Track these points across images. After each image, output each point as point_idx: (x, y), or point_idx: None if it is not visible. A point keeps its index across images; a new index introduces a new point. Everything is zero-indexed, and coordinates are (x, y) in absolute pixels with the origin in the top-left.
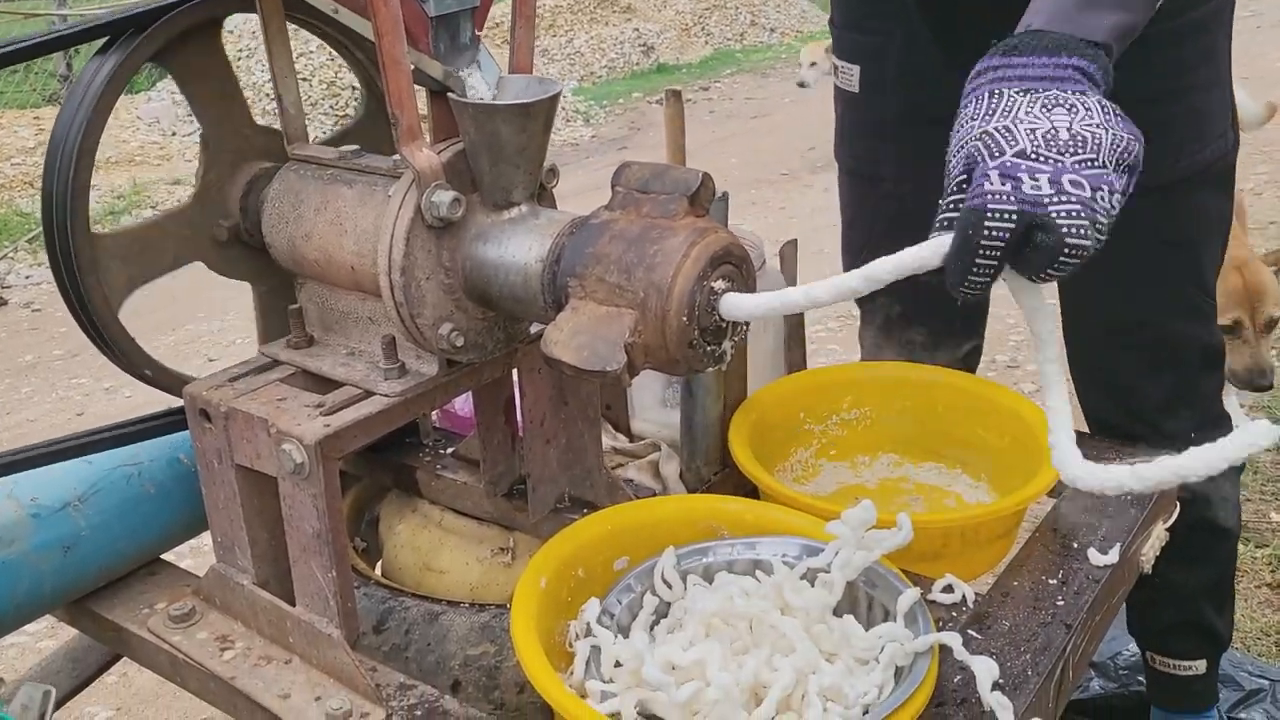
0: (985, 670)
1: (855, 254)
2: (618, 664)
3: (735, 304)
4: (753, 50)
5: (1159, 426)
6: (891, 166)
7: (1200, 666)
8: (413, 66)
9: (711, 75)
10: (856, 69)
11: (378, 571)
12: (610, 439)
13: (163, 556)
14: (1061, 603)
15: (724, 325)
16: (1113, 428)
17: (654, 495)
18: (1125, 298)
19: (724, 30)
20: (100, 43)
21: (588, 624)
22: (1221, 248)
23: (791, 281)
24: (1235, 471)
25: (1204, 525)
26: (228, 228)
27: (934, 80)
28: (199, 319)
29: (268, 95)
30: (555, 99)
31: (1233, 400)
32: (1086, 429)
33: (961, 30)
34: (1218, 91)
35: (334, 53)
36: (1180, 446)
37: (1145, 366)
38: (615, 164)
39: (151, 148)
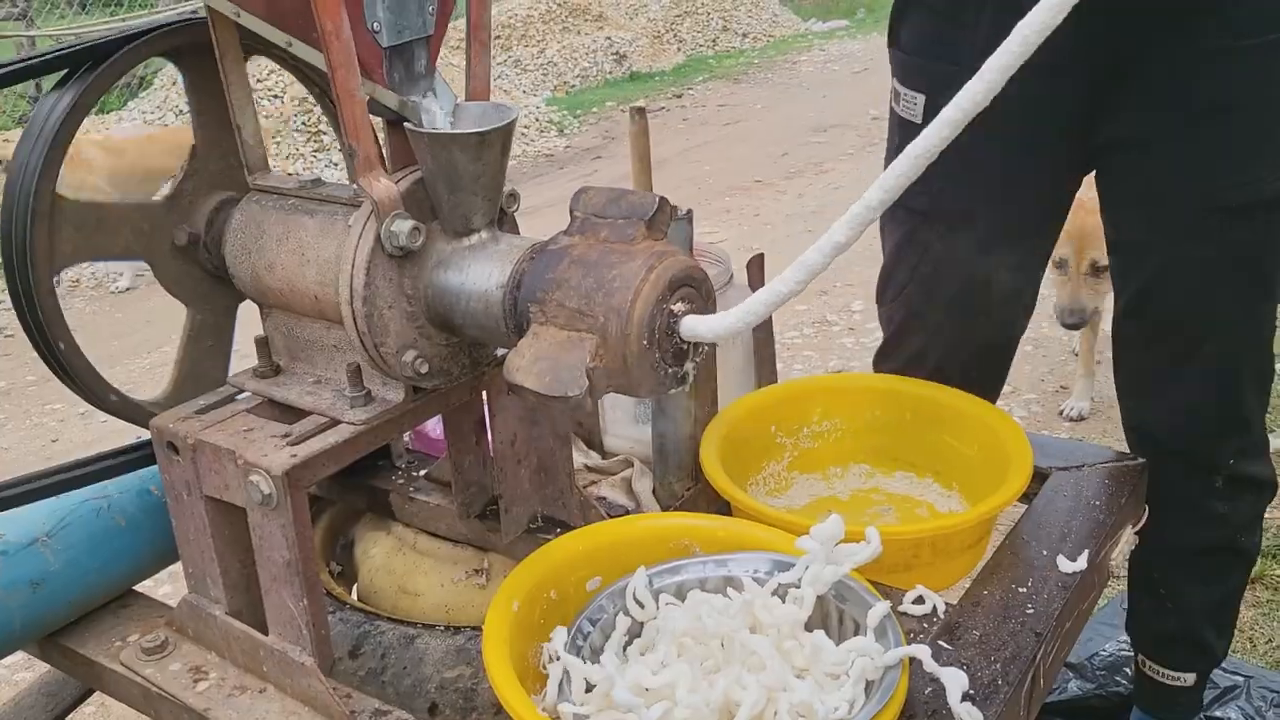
0: (954, 681)
1: (899, 289)
2: (589, 687)
3: (696, 326)
4: (725, 56)
5: (1204, 447)
6: (958, 209)
7: (1190, 679)
8: (368, 97)
9: (684, 82)
10: (921, 98)
11: (353, 595)
12: (583, 456)
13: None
14: (1031, 610)
15: (685, 347)
16: (1155, 442)
17: (627, 513)
18: (1188, 315)
19: (696, 37)
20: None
21: (558, 652)
22: None
23: None
24: (1268, 497)
25: (1228, 548)
26: (188, 235)
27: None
28: (174, 341)
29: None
30: (511, 126)
31: None
32: (1125, 442)
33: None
34: None
35: None
36: (1219, 471)
37: (1199, 387)
38: (590, 174)
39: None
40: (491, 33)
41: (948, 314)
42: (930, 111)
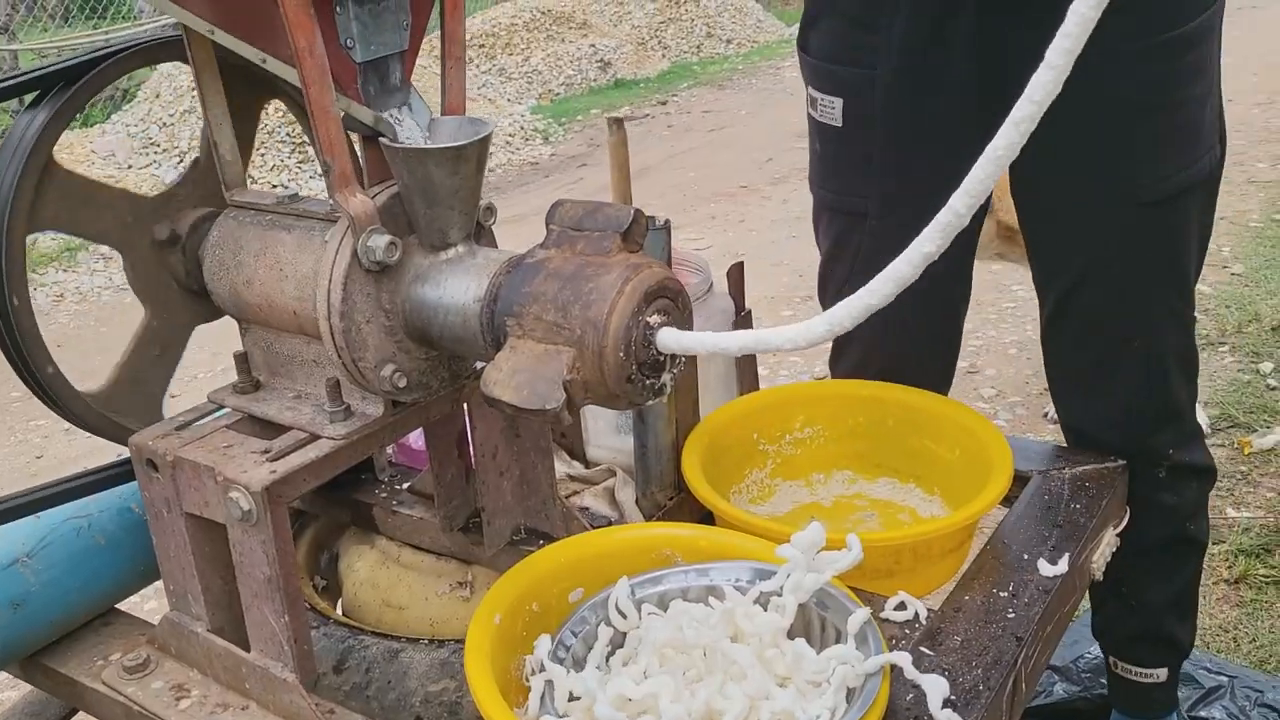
0: (935, 688)
1: (836, 290)
2: (571, 698)
3: (672, 339)
4: (709, 62)
5: (1142, 441)
6: (876, 202)
7: (1162, 675)
8: (343, 113)
9: (669, 89)
10: (839, 102)
11: (338, 610)
12: (566, 466)
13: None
14: (1012, 615)
15: (662, 359)
16: (1095, 441)
17: (610, 523)
18: (1114, 312)
19: (680, 43)
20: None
21: (541, 660)
22: (1201, 259)
23: (739, 303)
24: (1209, 483)
25: (1180, 538)
26: (170, 231)
27: (920, 110)
28: None
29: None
30: (487, 140)
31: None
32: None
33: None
34: (1210, 104)
35: None
36: (1161, 463)
37: (1132, 381)
38: (576, 182)
39: (107, 181)
40: (466, 46)
41: (892, 304)
42: (850, 114)
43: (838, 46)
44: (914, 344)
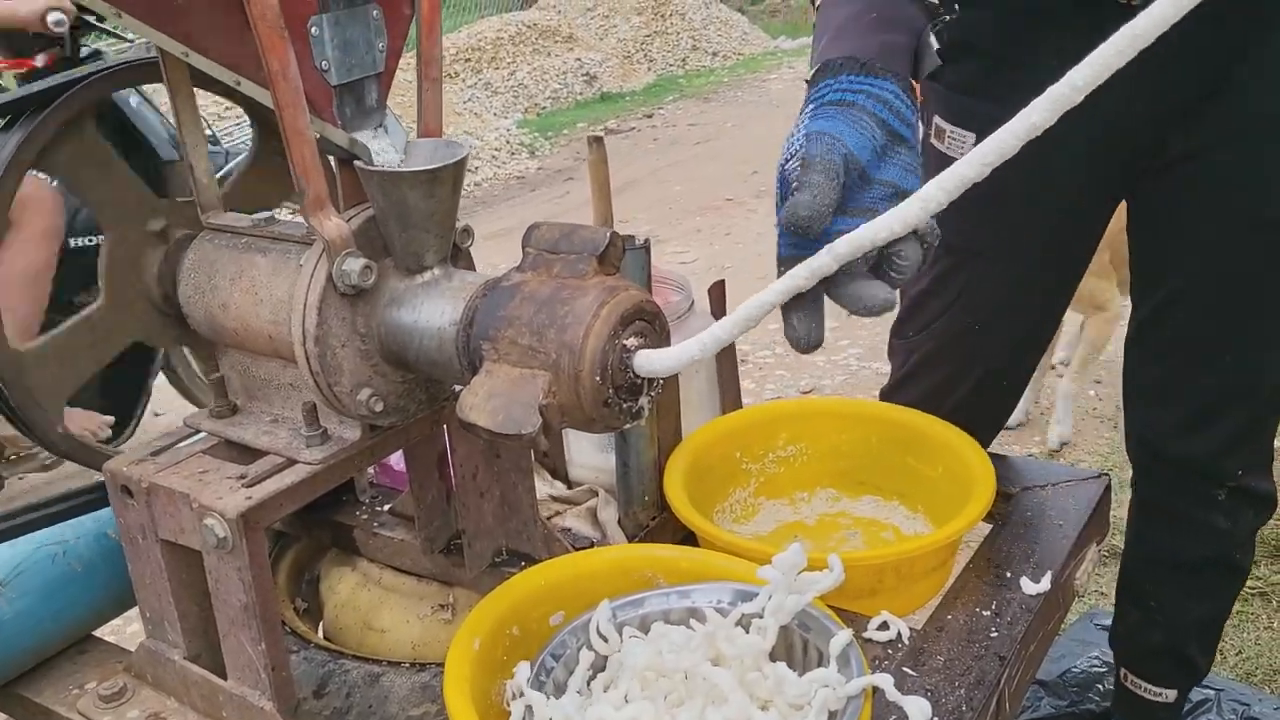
0: (917, 710)
1: (925, 325)
2: None
3: (649, 360)
4: (695, 75)
5: (1215, 461)
6: (990, 240)
7: (1171, 696)
8: (318, 135)
9: (655, 102)
10: (972, 137)
11: (319, 633)
12: (548, 487)
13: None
14: (995, 634)
15: (639, 382)
16: (1162, 452)
17: (592, 544)
18: (1224, 324)
19: (666, 56)
20: None
21: (520, 687)
22: None
23: None
24: (1268, 514)
25: (1223, 563)
26: (164, 224)
27: None
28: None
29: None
30: (463, 163)
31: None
32: (1126, 454)
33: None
34: None
35: None
36: (1224, 484)
37: (1220, 395)
38: (563, 196)
39: None
40: (443, 68)
41: (978, 345)
42: None
43: (978, 80)
44: (991, 381)
